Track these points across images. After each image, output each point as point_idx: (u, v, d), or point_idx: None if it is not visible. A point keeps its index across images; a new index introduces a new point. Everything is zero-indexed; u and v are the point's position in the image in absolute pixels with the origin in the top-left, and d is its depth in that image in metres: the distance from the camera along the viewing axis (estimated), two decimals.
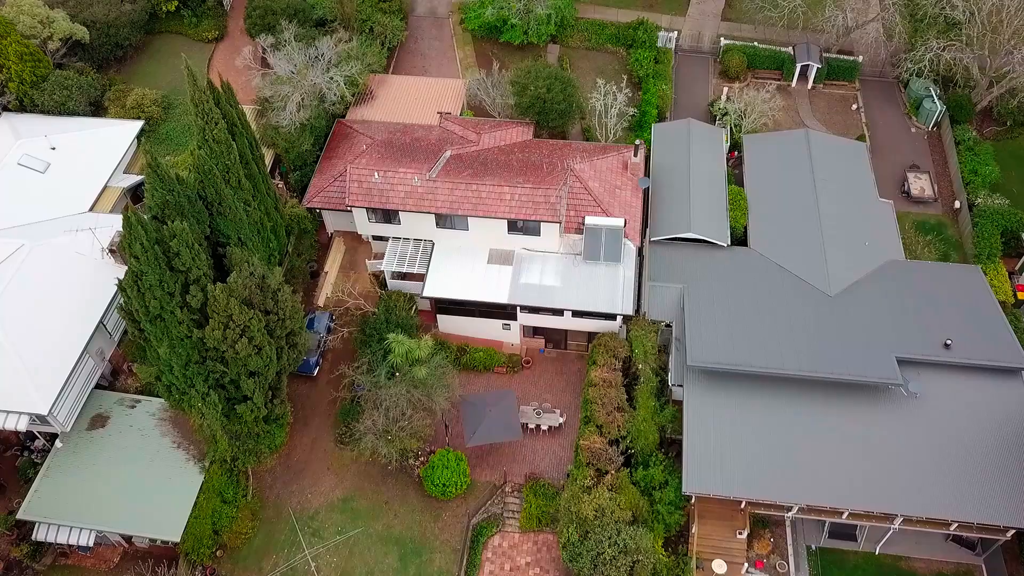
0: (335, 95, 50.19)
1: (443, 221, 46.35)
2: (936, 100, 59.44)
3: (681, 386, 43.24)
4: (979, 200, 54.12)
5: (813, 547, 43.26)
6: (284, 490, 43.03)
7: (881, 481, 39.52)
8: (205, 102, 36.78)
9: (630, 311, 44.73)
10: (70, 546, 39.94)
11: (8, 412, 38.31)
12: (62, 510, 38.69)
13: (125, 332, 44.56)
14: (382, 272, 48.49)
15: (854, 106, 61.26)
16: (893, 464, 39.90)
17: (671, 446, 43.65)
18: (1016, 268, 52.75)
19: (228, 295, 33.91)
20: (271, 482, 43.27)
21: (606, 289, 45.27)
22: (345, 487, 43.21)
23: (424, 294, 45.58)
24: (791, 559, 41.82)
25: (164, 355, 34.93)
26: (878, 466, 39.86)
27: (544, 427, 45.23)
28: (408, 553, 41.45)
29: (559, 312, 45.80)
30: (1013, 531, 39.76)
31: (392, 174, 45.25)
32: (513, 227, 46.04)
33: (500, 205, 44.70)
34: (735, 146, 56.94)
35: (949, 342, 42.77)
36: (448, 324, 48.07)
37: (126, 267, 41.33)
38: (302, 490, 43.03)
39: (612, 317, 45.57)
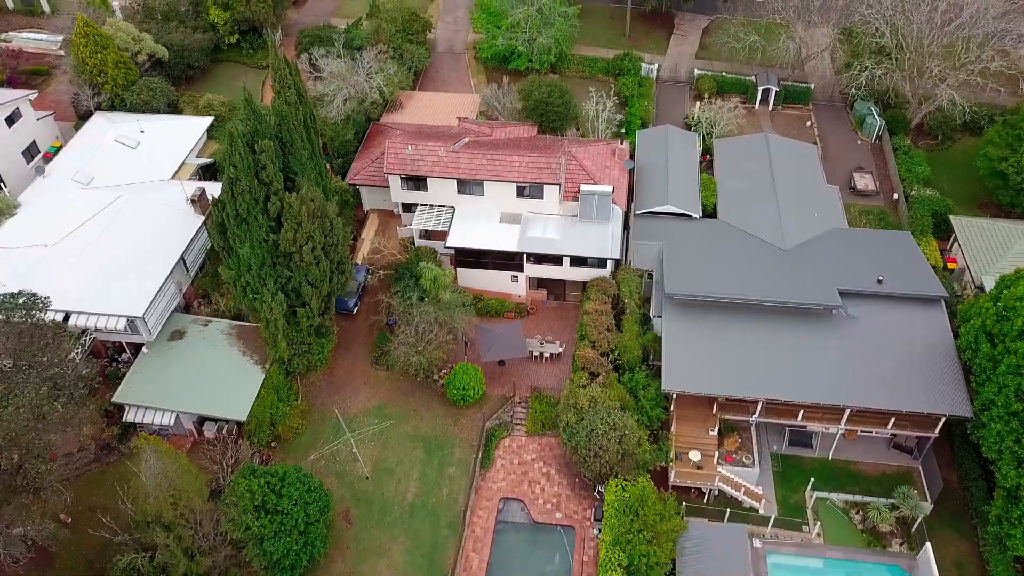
0: (375, 93, 60.90)
1: (463, 187, 56.14)
2: (876, 116, 70.49)
3: (660, 317, 51.95)
4: (913, 191, 64.11)
5: (776, 450, 51.00)
6: (327, 400, 51.07)
7: (828, 382, 47.63)
8: (282, 69, 47.15)
9: (617, 256, 53.97)
10: (151, 431, 47.62)
11: (110, 315, 46.85)
12: (148, 395, 46.74)
13: (199, 270, 53.79)
14: (410, 237, 57.90)
15: (808, 123, 72.27)
16: (838, 370, 48.10)
17: (652, 370, 51.92)
18: (948, 247, 62.10)
19: (300, 203, 43.28)
20: (316, 393, 51.34)
21: (598, 240, 54.64)
22: (379, 398, 51.29)
23: (447, 244, 54.83)
24: (755, 456, 49.36)
25: (245, 255, 43.93)
26: (826, 371, 48.04)
27: (547, 355, 53.63)
28: (432, 447, 49.17)
29: (559, 261, 54.95)
30: (941, 423, 47.47)
31: (422, 147, 55.42)
32: (521, 192, 55.80)
33: (511, 171, 54.64)
34: (707, 150, 67.32)
35: (881, 278, 51.77)
36: (466, 278, 56.99)
37: (203, 216, 51.28)
38: (343, 399, 51.07)
39: (603, 265, 54.72)
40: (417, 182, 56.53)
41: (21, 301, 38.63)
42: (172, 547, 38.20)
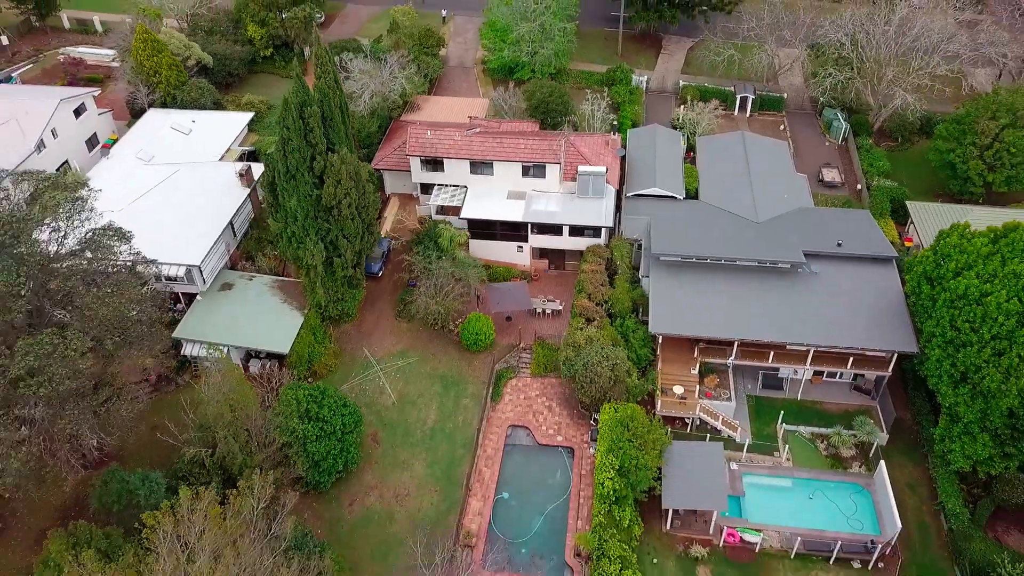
0: (397, 91, 69.32)
1: (475, 168, 64.08)
2: (842, 121, 79.02)
3: (647, 277, 59.36)
4: (874, 182, 72.18)
5: (750, 391, 57.86)
6: (356, 344, 58.11)
7: (794, 326, 54.89)
8: (324, 55, 55.42)
9: (610, 224, 61.66)
10: (207, 363, 54.38)
11: (172, 264, 54.23)
12: (203, 332, 53.82)
13: (244, 236, 61.30)
14: (428, 214, 65.60)
15: (781, 127, 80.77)
16: (803, 316, 55.36)
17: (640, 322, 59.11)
18: (905, 229, 69.85)
19: (341, 163, 51.06)
20: (346, 340, 58.39)
21: (593, 212, 62.39)
22: (402, 344, 58.36)
23: (462, 215, 62.47)
24: (732, 393, 56.21)
25: (292, 207, 51.50)
26: (792, 317, 55.30)
27: (548, 311, 60.89)
28: (449, 384, 56.10)
29: (559, 231, 62.56)
30: (893, 361, 54.54)
31: (440, 131, 63.59)
32: (526, 172, 63.76)
33: (517, 152, 62.70)
34: (691, 148, 75.50)
35: (840, 243, 59.39)
36: (477, 249, 64.44)
37: (248, 189, 59.09)
38: (370, 345, 58.11)
39: (598, 234, 62.35)
40: (435, 164, 64.48)
41: (111, 233, 45.93)
42: (230, 442, 44.87)
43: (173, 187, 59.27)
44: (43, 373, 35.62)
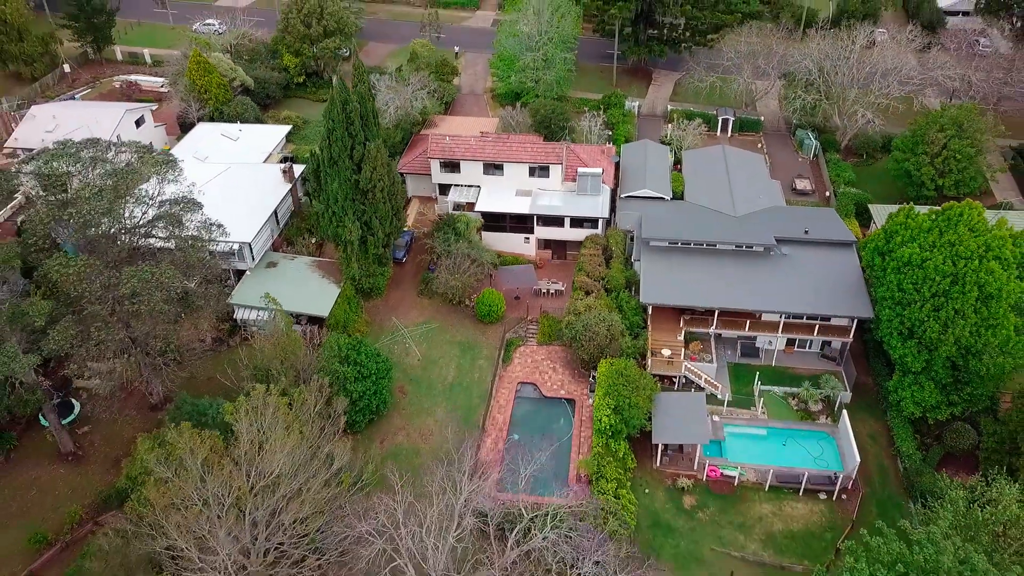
0: (417, 110, 78.92)
1: (487, 170, 73.14)
2: (813, 139, 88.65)
3: (639, 261, 67.89)
4: (841, 189, 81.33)
5: (730, 358, 65.76)
6: (385, 316, 66.24)
7: (767, 297, 63.23)
8: (360, 67, 64.93)
9: (606, 215, 70.47)
10: (255, 327, 62.26)
11: (229, 241, 62.58)
12: (253, 299, 61.93)
13: (285, 225, 69.95)
14: (446, 211, 74.45)
15: (759, 145, 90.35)
16: (774, 289, 63.73)
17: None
18: (869, 230, 78.58)
19: (376, 151, 60.08)
20: (375, 313, 66.52)
21: (591, 206, 71.26)
22: (425, 316, 66.51)
23: (476, 209, 71.29)
24: (714, 357, 64.12)
25: (333, 190, 60.27)
26: (765, 290, 63.68)
27: (552, 291, 69.23)
28: (466, 348, 64.05)
29: (561, 223, 71.30)
30: (854, 327, 62.67)
31: (457, 138, 72.89)
32: (532, 172, 72.81)
33: (525, 153, 71.92)
34: (677, 162, 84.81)
35: (807, 231, 68.12)
36: (489, 240, 73.06)
37: (290, 184, 68.08)
38: (397, 316, 66.21)
39: (595, 225, 71.10)
40: (452, 167, 73.59)
41: (181, 205, 54.49)
42: (283, 378, 52.59)
43: (226, 181, 68.14)
44: (143, 295, 43.76)
